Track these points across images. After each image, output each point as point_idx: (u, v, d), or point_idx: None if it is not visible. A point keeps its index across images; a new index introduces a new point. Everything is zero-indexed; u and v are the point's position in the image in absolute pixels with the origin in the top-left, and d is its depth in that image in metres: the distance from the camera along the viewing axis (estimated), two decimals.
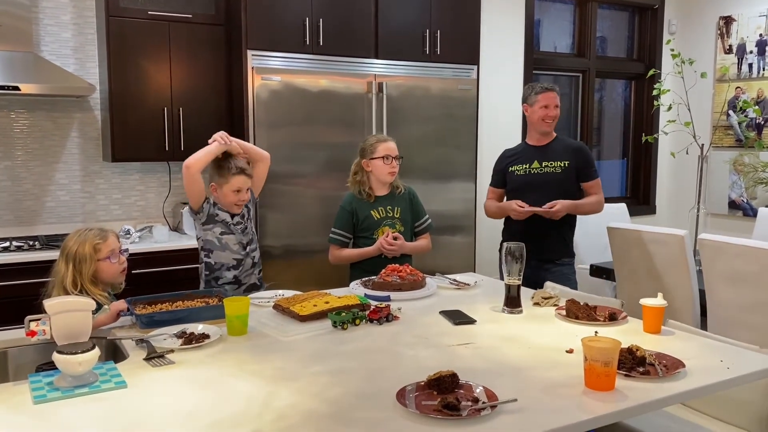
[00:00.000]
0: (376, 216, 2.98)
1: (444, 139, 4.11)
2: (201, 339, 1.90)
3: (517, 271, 2.22)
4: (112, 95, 3.53)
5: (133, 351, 1.85)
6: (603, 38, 5.52)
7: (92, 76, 3.73)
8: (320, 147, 3.73)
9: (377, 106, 3.86)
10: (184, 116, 3.67)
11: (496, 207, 3.35)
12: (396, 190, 3.03)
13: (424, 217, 3.09)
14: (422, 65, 4.01)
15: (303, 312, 2.12)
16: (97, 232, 2.25)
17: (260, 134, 3.56)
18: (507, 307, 2.25)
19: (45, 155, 3.70)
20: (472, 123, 4.22)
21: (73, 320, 1.67)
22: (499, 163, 3.39)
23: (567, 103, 5.48)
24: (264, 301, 2.38)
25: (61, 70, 3.42)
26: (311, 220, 3.69)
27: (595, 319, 2.12)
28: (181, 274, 3.45)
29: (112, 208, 3.88)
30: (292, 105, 3.63)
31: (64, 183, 3.76)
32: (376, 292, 2.44)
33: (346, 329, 2.05)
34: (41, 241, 3.43)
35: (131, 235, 3.55)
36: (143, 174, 3.95)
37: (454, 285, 2.65)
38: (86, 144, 3.79)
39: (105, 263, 2.22)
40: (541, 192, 3.17)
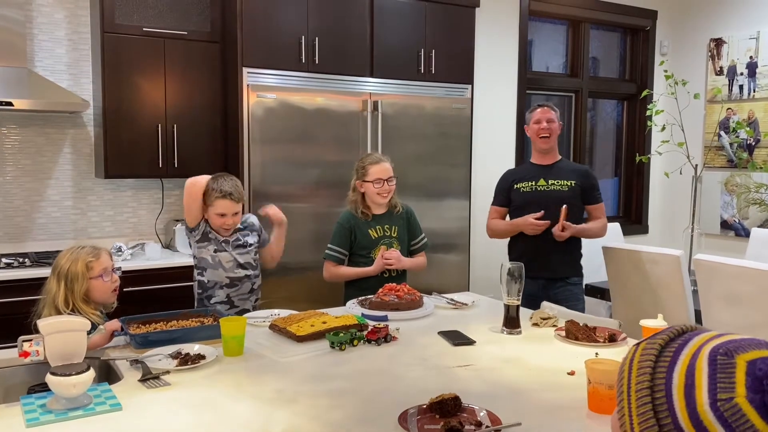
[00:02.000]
0: (374, 235, 2.97)
1: (438, 157, 4.12)
2: (197, 360, 1.87)
3: (516, 291, 2.22)
4: (105, 111, 3.51)
5: (128, 372, 1.82)
6: (595, 59, 5.57)
7: (86, 92, 3.71)
8: (315, 164, 3.72)
9: (372, 124, 3.86)
10: (179, 133, 3.66)
11: (506, 225, 3.28)
12: (394, 209, 3.02)
13: (420, 236, 3.08)
14: (417, 84, 4.03)
15: (300, 332, 2.09)
16: (90, 249, 2.22)
17: (255, 151, 3.55)
18: (506, 328, 2.24)
19: (37, 171, 3.67)
20: (466, 141, 4.23)
21: (67, 341, 1.64)
22: (503, 182, 3.37)
23: None
24: (260, 321, 2.35)
25: (54, 86, 3.40)
26: (305, 237, 3.67)
27: (594, 341, 2.11)
28: (173, 292, 3.41)
29: (103, 225, 3.84)
30: (287, 122, 3.63)
31: (55, 199, 3.72)
32: (373, 311, 2.42)
33: (344, 350, 2.03)
34: (31, 258, 3.38)
35: (123, 253, 3.52)
36: (136, 190, 3.92)
37: (452, 305, 2.64)
38: (79, 160, 3.76)
39: (97, 282, 2.18)
40: (547, 209, 3.15)
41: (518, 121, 4.96)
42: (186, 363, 1.85)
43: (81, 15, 3.70)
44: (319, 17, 3.69)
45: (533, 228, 3.13)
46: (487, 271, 4.72)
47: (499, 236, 3.38)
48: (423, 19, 4.02)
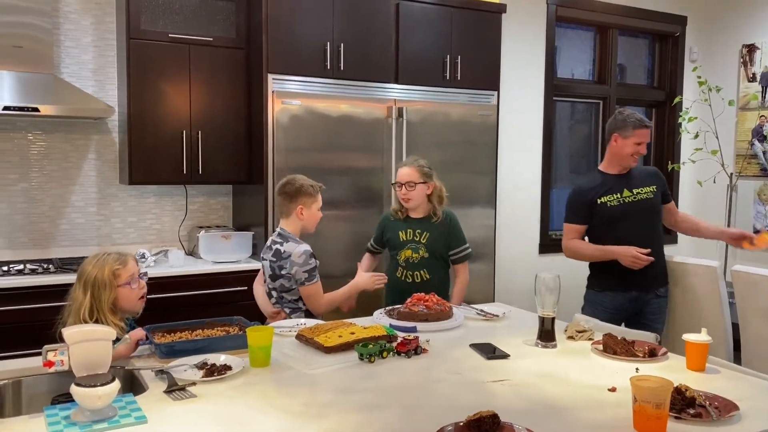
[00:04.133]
0: (402, 237, 2.96)
1: (463, 164, 4.05)
2: (223, 370, 1.83)
3: (552, 304, 2.15)
4: (130, 117, 3.50)
5: (153, 382, 1.78)
6: (622, 66, 5.49)
7: (111, 98, 3.71)
8: (339, 172, 3.68)
9: (397, 131, 3.82)
10: (203, 139, 3.64)
11: (597, 250, 3.06)
12: (432, 216, 2.97)
13: (461, 246, 3.01)
14: (442, 90, 3.98)
15: (328, 343, 2.04)
16: (116, 256, 2.18)
17: (279, 159, 3.51)
18: (541, 341, 2.18)
19: (61, 177, 3.66)
20: (492, 149, 4.17)
21: (92, 350, 1.60)
22: (580, 197, 3.11)
23: (587, 131, 5.43)
24: (286, 330, 2.31)
25: (80, 92, 3.40)
26: (333, 247, 3.62)
27: (634, 355, 2.04)
28: (196, 299, 3.38)
29: (127, 231, 3.83)
30: (312, 129, 3.60)
31: (80, 205, 3.72)
32: (401, 322, 2.37)
33: (374, 362, 1.98)
34: (56, 264, 3.37)
35: (146, 259, 3.49)
36: (159, 197, 3.90)
37: (482, 316, 2.57)
38: (103, 166, 3.76)
39: (125, 289, 2.14)
40: (636, 220, 3.03)
41: (545, 128, 4.88)
42: (212, 374, 1.81)
43: (107, 21, 3.70)
44: (344, 23, 3.65)
45: (633, 261, 2.94)
46: (512, 282, 4.65)
47: (583, 260, 3.17)
48: (449, 25, 3.97)
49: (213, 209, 4.07)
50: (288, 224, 2.72)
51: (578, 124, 5.48)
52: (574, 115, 5.45)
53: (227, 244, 3.66)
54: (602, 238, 3.09)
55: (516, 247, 4.82)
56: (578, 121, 5.49)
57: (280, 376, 1.87)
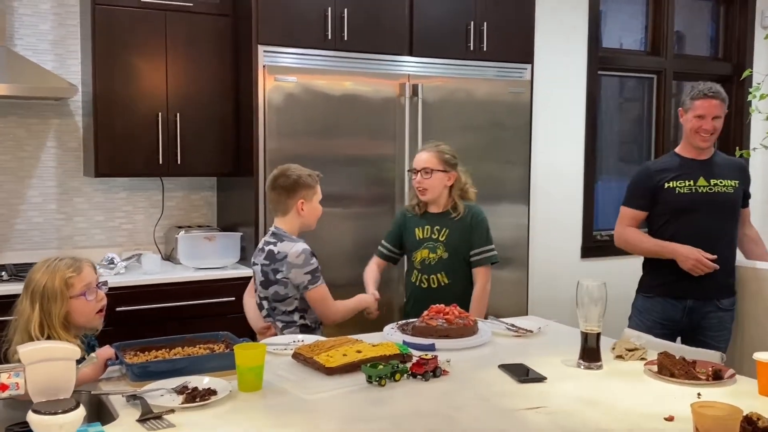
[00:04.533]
0: (419, 235, 2.99)
1: (491, 152, 4.05)
2: (206, 395, 1.84)
3: (597, 317, 2.15)
4: (96, 98, 3.52)
5: (124, 409, 1.79)
6: (680, 34, 5.46)
7: (74, 75, 3.73)
8: (343, 162, 3.69)
9: (411, 113, 3.82)
10: (182, 124, 3.65)
11: (656, 245, 3.07)
12: (452, 212, 2.98)
13: (482, 247, 3.00)
14: (465, 64, 3.98)
15: (330, 363, 2.05)
16: (70, 262, 2.17)
17: (272, 146, 3.53)
18: (583, 361, 2.17)
19: (16, 169, 3.69)
20: (525, 133, 4.16)
21: (52, 372, 1.61)
22: (645, 180, 3.15)
23: (638, 111, 5.41)
24: (280, 348, 2.31)
25: (37, 68, 3.42)
26: (333, 251, 3.63)
27: (695, 378, 2.03)
28: (175, 312, 3.40)
29: (93, 233, 3.85)
30: (310, 111, 3.60)
31: (37, 202, 3.74)
32: (417, 339, 2.36)
33: (384, 386, 1.98)
34: (9, 271, 3.40)
35: (116, 265, 3.52)
36: (131, 192, 3.93)
37: (513, 331, 2.57)
38: (65, 156, 3.78)
39: (79, 301, 2.14)
40: (706, 215, 3.02)
41: (588, 108, 4.87)
42: (193, 399, 1.82)
43: None
44: None
45: (695, 265, 2.95)
46: (549, 292, 4.64)
47: (635, 252, 3.19)
48: None
49: (194, 206, 4.09)
50: (284, 222, 2.74)
51: (628, 102, 5.46)
52: (623, 93, 5.42)
53: (211, 247, 3.68)
54: (661, 231, 3.09)
55: (554, 250, 4.81)
56: (628, 99, 5.47)
57: (274, 402, 1.87)
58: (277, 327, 2.70)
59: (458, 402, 1.88)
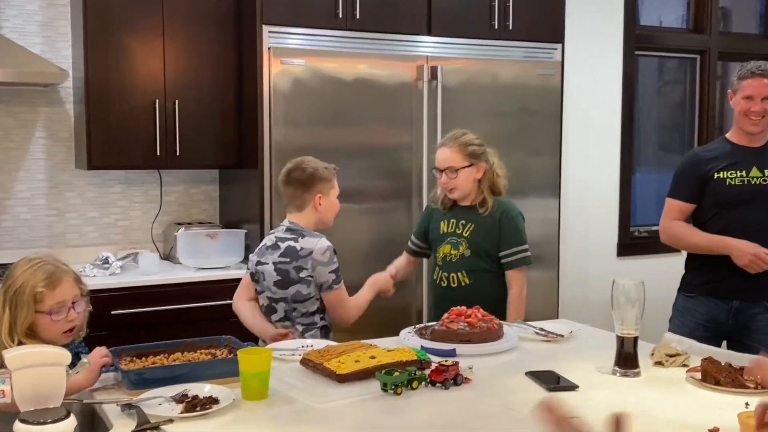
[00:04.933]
0: (443, 229, 3.00)
1: (517, 141, 4.04)
2: (208, 404, 1.85)
3: (634, 319, 2.14)
4: (88, 84, 3.54)
5: (118, 419, 1.80)
6: (726, 10, 5.43)
7: (64, 60, 3.75)
8: (356, 153, 3.69)
9: (430, 98, 3.81)
10: (181, 112, 3.67)
11: (705, 239, 3.03)
12: (480, 207, 2.97)
13: (514, 247, 2.97)
14: (489, 44, 3.97)
15: (341, 370, 2.06)
16: (49, 272, 2.13)
17: (278, 136, 3.54)
18: (619, 368, 2.17)
19: (2, 161, 3.73)
20: (555, 120, 4.15)
21: (41, 378, 1.62)
22: (693, 167, 3.11)
23: (680, 95, 5.37)
24: (288, 354, 2.32)
25: (24, 52, 3.45)
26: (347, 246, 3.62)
27: (743, 386, 2.02)
28: (174, 315, 3.42)
29: (86, 230, 3.88)
30: (319, 97, 3.61)
31: (25, 197, 3.78)
32: (436, 343, 2.36)
33: (400, 394, 1.98)
34: None
35: (111, 265, 3.54)
36: (127, 186, 3.95)
37: (542, 336, 2.57)
38: (55, 147, 3.81)
39: (44, 318, 2.11)
40: (762, 210, 2.98)
41: (624, 91, 4.84)
42: (194, 408, 1.83)
43: None
44: None
45: (753, 261, 2.90)
46: (582, 293, 4.63)
47: (683, 248, 3.16)
48: None
49: (195, 201, 4.11)
50: (300, 218, 2.74)
51: (669, 86, 5.43)
52: (663, 75, 5.39)
53: (213, 245, 3.70)
54: (709, 226, 3.06)
55: (587, 247, 4.79)
56: (668, 82, 5.44)
57: (281, 411, 1.87)
58: (297, 331, 2.69)
59: (481, 412, 1.88)
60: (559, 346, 2.50)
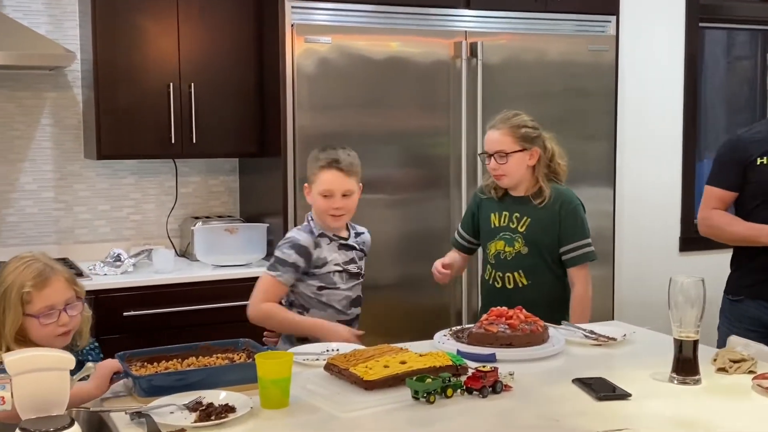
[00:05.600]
0: (494, 222, 2.96)
1: (567, 124, 3.99)
2: (223, 413, 1.86)
3: (694, 321, 2.12)
4: (97, 67, 3.59)
5: (127, 429, 1.82)
6: None
7: (71, 41, 3.81)
8: (387, 138, 3.70)
9: (469, 78, 3.80)
10: (197, 95, 3.71)
11: (747, 228, 3.01)
12: (537, 197, 2.93)
13: (577, 242, 2.95)
14: (535, 17, 3.96)
15: (369, 376, 2.06)
16: (37, 270, 2.14)
17: (302, 120, 3.55)
18: (677, 375, 2.15)
19: (5, 151, 3.79)
20: (610, 101, 4.12)
21: (43, 384, 1.65)
22: (734, 152, 3.09)
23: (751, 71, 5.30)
24: (311, 358, 2.33)
25: (28, 32, 3.50)
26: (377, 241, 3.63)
27: None
28: (190, 317, 3.46)
29: (96, 225, 3.93)
30: (348, 78, 3.62)
31: (31, 189, 3.84)
32: (474, 348, 2.36)
33: (433, 402, 1.98)
34: None
35: (123, 263, 3.58)
36: (140, 176, 4.00)
37: (592, 339, 2.55)
38: (62, 135, 3.87)
39: (32, 322, 2.13)
40: None
41: (687, 68, 4.78)
42: (208, 417, 1.84)
43: None
44: None
45: None
46: (640, 292, 4.58)
47: (723, 240, 3.14)
48: None
49: (213, 193, 4.15)
50: None
51: (738, 62, 5.35)
52: (731, 50, 5.32)
53: (232, 240, 3.73)
54: (752, 217, 3.02)
55: (646, 242, 4.74)
56: (738, 57, 5.36)
57: (302, 420, 1.89)
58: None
59: (522, 422, 1.88)
60: (611, 351, 2.48)
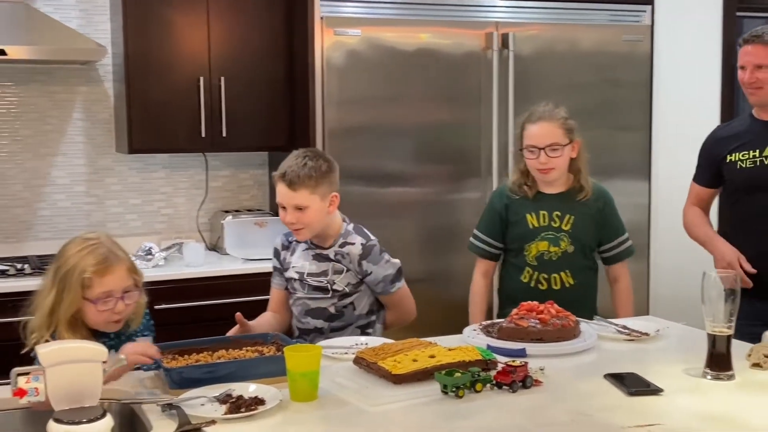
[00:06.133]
0: (533, 223, 2.88)
1: (601, 116, 4.00)
2: (253, 405, 1.89)
3: (726, 315, 2.11)
4: (129, 60, 3.64)
5: (159, 420, 1.85)
6: None
7: (102, 35, 3.85)
8: (417, 131, 3.71)
9: (500, 70, 3.80)
10: (227, 89, 3.74)
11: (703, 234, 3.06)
12: (578, 192, 2.91)
13: (620, 237, 2.96)
14: (568, 7, 3.95)
15: (398, 370, 2.07)
16: (102, 256, 2.19)
17: (331, 115, 3.57)
18: (710, 370, 2.14)
19: (38, 145, 3.85)
20: (645, 92, 4.10)
21: (77, 375, 1.68)
22: (709, 148, 3.13)
23: None
24: (340, 352, 2.36)
25: (60, 27, 3.55)
26: (407, 238, 3.66)
27: None
28: (220, 310, 3.44)
29: (127, 219, 3.99)
30: (377, 71, 3.64)
31: (63, 183, 3.90)
32: (504, 342, 2.37)
33: (462, 397, 1.99)
34: (32, 263, 3.56)
35: (154, 256, 3.63)
36: (171, 170, 4.05)
37: (624, 334, 2.55)
38: (94, 129, 3.92)
39: (89, 306, 2.19)
40: None
41: (724, 59, 4.72)
42: (238, 410, 1.87)
43: None
44: None
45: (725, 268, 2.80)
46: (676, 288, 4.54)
47: (692, 239, 3.18)
48: None
49: (243, 186, 4.18)
50: None
51: None
52: None
53: (263, 234, 3.75)
54: (732, 214, 3.05)
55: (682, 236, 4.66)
56: None
57: (331, 413, 1.90)
58: None
59: (552, 418, 1.88)
60: (643, 346, 2.47)
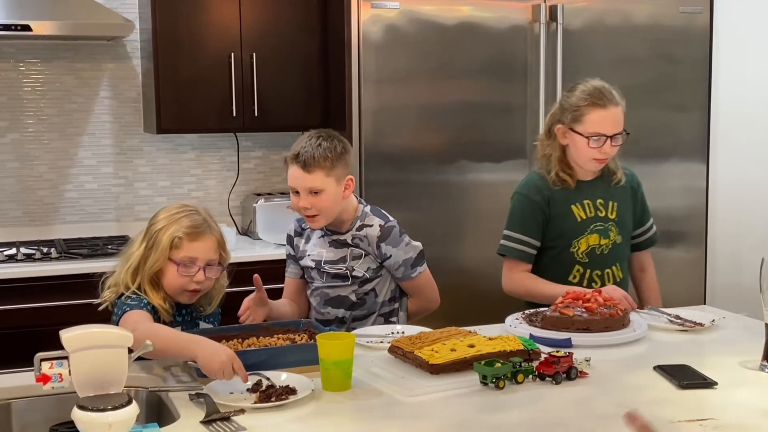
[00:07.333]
0: (580, 215, 2.81)
1: (656, 94, 3.96)
2: (284, 395, 1.91)
3: None
4: (157, 36, 3.67)
5: (186, 409, 1.88)
6: None
7: (130, 9, 3.88)
8: (459, 110, 3.70)
9: (548, 45, 3.77)
10: (259, 66, 3.76)
11: None
12: (611, 176, 2.86)
13: (649, 221, 2.96)
14: None
15: (435, 359, 2.08)
16: (197, 222, 2.31)
17: (368, 94, 3.56)
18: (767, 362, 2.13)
19: (64, 124, 3.91)
20: (703, 67, 4.05)
21: (102, 361, 1.70)
22: None
23: None
24: (375, 341, 2.37)
25: (86, 1, 3.58)
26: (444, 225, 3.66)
27: None
28: None
29: (157, 201, 4.02)
30: (417, 46, 3.62)
31: (90, 164, 3.96)
32: (548, 332, 2.37)
33: (503, 388, 1.99)
34: (59, 247, 3.60)
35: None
36: (201, 151, 4.09)
37: (677, 325, 2.54)
38: (121, 108, 3.97)
39: (172, 267, 2.28)
40: None
41: None
42: (268, 399, 1.89)
43: None
44: None
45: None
46: (735, 276, 4.50)
47: None
48: None
49: (275, 168, 4.21)
50: None
51: None
52: None
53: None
54: None
55: (742, 222, 4.65)
56: None
57: (365, 404, 1.92)
58: None
59: (598, 411, 1.88)
60: (697, 337, 2.46)
